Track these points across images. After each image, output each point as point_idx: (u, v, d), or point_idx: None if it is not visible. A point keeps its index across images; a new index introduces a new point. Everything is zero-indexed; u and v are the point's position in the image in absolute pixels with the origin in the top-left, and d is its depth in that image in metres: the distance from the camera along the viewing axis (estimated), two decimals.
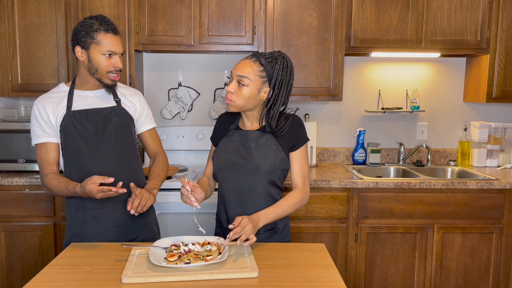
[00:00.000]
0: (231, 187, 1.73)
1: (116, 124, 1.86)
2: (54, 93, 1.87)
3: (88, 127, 1.82)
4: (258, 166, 1.68)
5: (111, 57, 1.79)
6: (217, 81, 3.21)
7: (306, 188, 1.74)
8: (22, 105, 3.05)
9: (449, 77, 3.28)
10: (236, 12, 2.80)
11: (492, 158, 3.18)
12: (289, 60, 1.70)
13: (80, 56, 1.79)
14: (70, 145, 1.81)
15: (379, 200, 2.65)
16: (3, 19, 2.73)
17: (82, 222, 1.84)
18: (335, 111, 3.28)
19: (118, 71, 1.82)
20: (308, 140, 1.77)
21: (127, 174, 1.86)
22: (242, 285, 1.35)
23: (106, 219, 1.84)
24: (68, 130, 1.80)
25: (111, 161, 1.84)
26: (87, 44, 1.76)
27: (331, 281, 1.40)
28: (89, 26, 1.76)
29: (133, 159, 1.92)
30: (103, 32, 1.76)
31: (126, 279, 1.35)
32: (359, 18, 2.85)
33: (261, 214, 1.62)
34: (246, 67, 1.64)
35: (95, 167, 1.81)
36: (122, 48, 1.82)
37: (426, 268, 2.71)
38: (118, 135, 1.86)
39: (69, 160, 1.83)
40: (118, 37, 1.80)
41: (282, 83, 1.66)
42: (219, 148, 1.78)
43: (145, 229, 1.94)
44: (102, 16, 1.80)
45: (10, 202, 2.60)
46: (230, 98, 1.66)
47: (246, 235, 1.49)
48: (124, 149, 1.88)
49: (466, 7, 2.87)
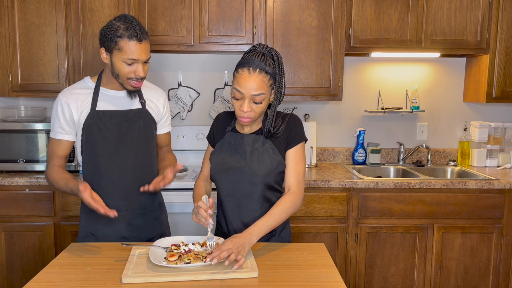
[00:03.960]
0: (228, 191, 1.71)
1: (139, 128, 1.84)
2: (79, 88, 1.82)
3: (111, 129, 1.80)
4: (253, 171, 1.65)
5: (133, 65, 1.72)
6: (217, 81, 3.21)
7: (299, 190, 1.67)
8: (22, 105, 3.05)
9: (449, 77, 3.28)
10: (236, 12, 2.80)
11: (492, 158, 3.18)
12: (279, 54, 1.64)
13: (105, 58, 1.75)
14: (90, 146, 1.80)
15: (379, 200, 2.66)
16: (3, 19, 2.73)
17: (97, 222, 1.83)
18: (335, 111, 3.28)
19: (140, 78, 1.76)
20: (305, 139, 1.72)
21: (143, 181, 1.80)
22: (242, 285, 1.35)
23: (120, 221, 1.83)
24: (91, 130, 1.78)
25: (129, 166, 1.83)
26: (111, 49, 1.71)
27: (331, 281, 1.40)
28: (114, 29, 1.69)
29: (151, 166, 1.90)
30: (126, 39, 1.68)
31: (126, 279, 1.35)
32: (359, 18, 2.85)
33: (252, 230, 1.53)
34: (259, 83, 1.56)
35: (112, 172, 1.80)
36: (146, 55, 1.73)
37: (426, 268, 2.71)
38: (140, 140, 1.84)
39: (87, 161, 1.82)
40: (143, 44, 1.71)
41: (280, 81, 1.63)
42: (216, 151, 1.76)
43: (157, 233, 1.93)
44: (130, 19, 1.71)
45: (10, 202, 2.60)
46: (248, 116, 1.60)
47: (235, 254, 1.41)
48: (144, 155, 1.87)
49: (466, 7, 2.87)
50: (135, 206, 1.86)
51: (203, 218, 1.53)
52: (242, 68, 1.57)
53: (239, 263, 1.41)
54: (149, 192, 1.74)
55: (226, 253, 1.41)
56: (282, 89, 1.64)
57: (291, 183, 1.68)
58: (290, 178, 1.68)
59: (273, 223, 1.59)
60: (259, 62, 1.56)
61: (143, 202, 1.88)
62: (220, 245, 1.45)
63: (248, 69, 1.56)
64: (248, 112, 1.59)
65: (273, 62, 1.60)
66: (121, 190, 1.83)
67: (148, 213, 1.91)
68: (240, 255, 1.42)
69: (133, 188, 1.82)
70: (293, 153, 1.69)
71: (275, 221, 1.59)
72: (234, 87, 1.59)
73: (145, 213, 1.90)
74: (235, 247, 1.43)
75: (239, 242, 1.45)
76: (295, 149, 1.69)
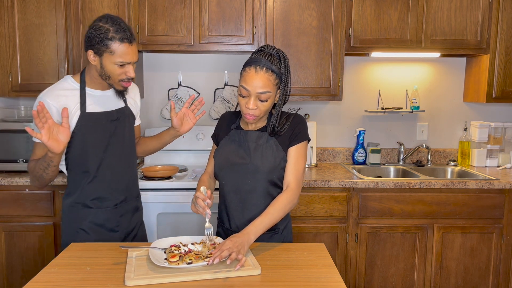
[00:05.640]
0: (231, 187, 1.73)
1: (126, 127, 1.89)
2: (63, 89, 1.80)
3: (100, 131, 1.82)
4: (256, 167, 1.67)
5: (124, 66, 1.74)
6: (217, 81, 3.21)
7: (297, 188, 1.69)
8: (22, 105, 3.05)
9: (449, 77, 3.28)
10: (236, 12, 2.80)
11: (492, 158, 3.18)
12: (286, 55, 1.67)
13: (93, 61, 1.75)
14: (79, 147, 1.80)
15: (379, 200, 2.65)
16: (3, 19, 2.73)
17: (84, 218, 1.85)
18: (335, 111, 3.28)
19: (130, 79, 1.79)
20: (308, 138, 1.74)
21: (129, 176, 1.94)
22: (244, 284, 1.35)
23: (107, 215, 1.88)
24: (81, 132, 1.79)
25: (116, 165, 1.87)
26: (101, 52, 1.70)
27: (331, 281, 1.40)
28: (103, 32, 1.68)
29: (134, 161, 1.98)
30: (118, 42, 1.68)
31: (129, 281, 1.34)
32: (359, 18, 2.85)
33: (250, 229, 1.55)
34: (265, 81, 1.59)
35: (102, 171, 1.84)
36: (136, 57, 1.75)
37: (426, 268, 2.71)
38: (126, 139, 1.90)
39: (75, 162, 1.82)
40: (133, 46, 1.72)
41: (287, 81, 1.66)
42: (220, 148, 1.78)
43: (139, 221, 2.02)
44: (118, 20, 1.71)
45: (10, 202, 2.60)
46: (254, 114, 1.63)
47: (236, 253, 1.43)
48: (129, 153, 1.94)
49: (466, 7, 2.87)
50: (121, 199, 1.91)
51: (201, 208, 1.57)
52: (249, 66, 1.61)
53: (240, 263, 1.42)
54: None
55: (227, 252, 1.42)
56: (287, 89, 1.67)
57: (290, 180, 1.69)
58: (290, 175, 1.70)
59: (270, 222, 1.61)
60: (266, 61, 1.60)
61: (126, 195, 1.93)
62: (220, 245, 1.46)
63: (255, 67, 1.60)
64: (254, 110, 1.62)
65: (279, 62, 1.64)
66: (110, 187, 1.87)
67: (130, 204, 1.96)
68: (240, 254, 1.44)
69: (120, 183, 1.89)
70: (294, 150, 1.71)
71: (272, 219, 1.61)
72: (240, 85, 1.62)
73: (129, 204, 1.95)
74: (235, 246, 1.44)
75: (238, 241, 1.47)
76: (297, 147, 1.71)
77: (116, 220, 1.89)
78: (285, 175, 1.71)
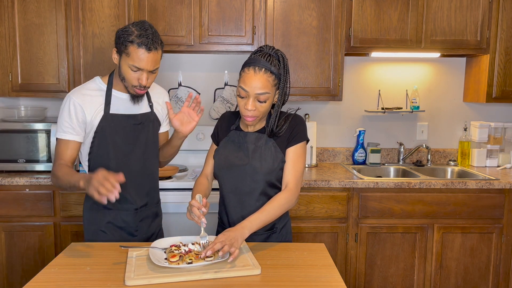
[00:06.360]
0: (230, 188, 1.73)
1: (149, 132, 1.88)
2: (90, 89, 1.81)
3: (124, 133, 1.82)
4: (255, 169, 1.68)
5: (137, 72, 1.72)
6: (217, 81, 3.21)
7: (295, 188, 1.68)
8: (22, 105, 3.06)
9: (449, 77, 3.28)
10: (236, 12, 2.80)
11: (492, 158, 3.18)
12: (285, 56, 1.67)
13: (115, 59, 1.77)
14: (101, 148, 1.81)
15: (379, 200, 2.65)
16: (3, 19, 2.73)
17: (103, 219, 1.86)
18: (335, 111, 3.28)
19: (143, 87, 1.76)
20: (306, 139, 1.73)
21: (151, 181, 1.94)
22: (244, 284, 1.36)
23: (127, 219, 1.89)
24: (104, 133, 1.79)
25: (139, 168, 1.87)
26: (120, 51, 1.73)
27: (331, 281, 1.40)
28: (128, 34, 1.69)
29: (156, 167, 1.98)
30: (135, 46, 1.68)
31: (129, 281, 1.34)
32: (359, 18, 2.85)
33: (245, 224, 1.55)
34: (263, 82, 1.59)
35: (122, 174, 1.82)
36: (152, 65, 1.72)
37: (426, 268, 2.71)
38: (148, 144, 1.89)
39: (96, 163, 1.82)
40: (151, 54, 1.69)
41: (285, 82, 1.66)
42: (219, 148, 1.78)
43: (158, 225, 2.03)
44: (146, 26, 1.71)
45: (10, 202, 2.60)
46: (253, 115, 1.63)
47: (228, 246, 1.44)
48: (151, 158, 1.92)
49: (466, 7, 2.87)
50: (142, 204, 1.91)
51: (196, 217, 1.56)
52: (248, 67, 1.61)
53: (233, 255, 1.44)
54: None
55: (220, 245, 1.44)
56: (286, 89, 1.67)
57: (289, 180, 1.69)
58: (288, 175, 1.70)
59: (266, 219, 1.61)
60: (265, 62, 1.60)
61: (147, 200, 1.93)
62: (214, 239, 1.49)
63: (254, 68, 1.59)
64: (252, 111, 1.62)
65: (278, 63, 1.63)
66: (130, 191, 1.85)
67: (150, 209, 1.96)
68: (233, 247, 1.45)
69: (141, 188, 1.89)
70: (293, 151, 1.71)
71: (268, 217, 1.61)
72: (239, 86, 1.62)
73: (149, 209, 1.95)
74: (227, 240, 1.46)
75: (231, 235, 1.49)
76: (296, 147, 1.71)
77: (136, 225, 1.89)
78: (284, 175, 1.71)
